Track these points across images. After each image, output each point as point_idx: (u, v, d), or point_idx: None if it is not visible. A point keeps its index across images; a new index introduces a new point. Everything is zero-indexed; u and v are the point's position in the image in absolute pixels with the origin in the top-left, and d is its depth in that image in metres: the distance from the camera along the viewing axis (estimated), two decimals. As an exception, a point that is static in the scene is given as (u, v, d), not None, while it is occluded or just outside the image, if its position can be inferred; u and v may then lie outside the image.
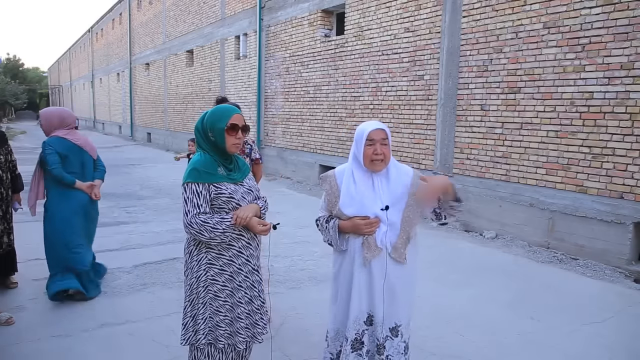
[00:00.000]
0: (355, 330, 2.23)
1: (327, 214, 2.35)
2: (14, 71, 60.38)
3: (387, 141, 2.20)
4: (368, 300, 2.23)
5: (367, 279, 2.21)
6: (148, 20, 21.65)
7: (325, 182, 2.34)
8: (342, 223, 2.25)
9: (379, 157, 2.17)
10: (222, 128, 2.16)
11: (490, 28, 6.31)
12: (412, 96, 7.64)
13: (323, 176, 2.38)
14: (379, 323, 2.22)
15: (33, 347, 3.20)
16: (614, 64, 5.04)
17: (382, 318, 2.21)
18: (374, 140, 2.18)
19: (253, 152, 3.73)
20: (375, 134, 2.19)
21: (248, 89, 12.84)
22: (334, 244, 2.31)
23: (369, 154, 2.18)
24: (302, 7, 10.42)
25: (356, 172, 2.24)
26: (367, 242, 2.20)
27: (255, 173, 3.74)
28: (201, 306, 2.20)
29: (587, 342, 3.43)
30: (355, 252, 2.23)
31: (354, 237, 2.24)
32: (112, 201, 8.29)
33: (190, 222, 2.09)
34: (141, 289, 4.27)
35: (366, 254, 2.19)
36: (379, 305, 2.21)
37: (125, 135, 25.88)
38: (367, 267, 2.21)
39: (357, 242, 2.23)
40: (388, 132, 2.23)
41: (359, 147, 2.21)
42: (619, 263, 4.99)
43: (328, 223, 2.31)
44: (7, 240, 4.02)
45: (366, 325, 2.25)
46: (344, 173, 2.29)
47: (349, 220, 2.22)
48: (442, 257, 5.17)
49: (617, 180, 5.07)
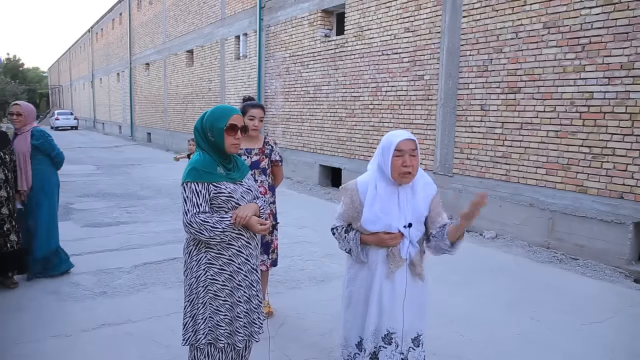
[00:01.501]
0: (375, 344, 2.19)
1: (345, 224, 2.28)
2: (14, 71, 60.41)
3: (416, 152, 2.10)
4: (389, 313, 2.17)
5: (390, 290, 2.16)
6: (148, 20, 21.65)
7: (346, 195, 2.22)
8: (364, 237, 2.18)
9: (408, 169, 2.07)
10: (221, 128, 2.15)
11: (490, 28, 6.31)
12: (412, 96, 7.64)
13: (343, 188, 2.26)
14: (399, 337, 2.17)
15: (33, 347, 3.20)
16: (614, 64, 5.04)
17: (402, 332, 2.17)
18: (403, 151, 2.07)
19: (273, 153, 3.60)
20: (405, 144, 2.08)
21: (248, 89, 12.83)
22: (354, 255, 2.24)
23: (398, 166, 2.07)
24: (302, 7, 10.42)
25: (380, 185, 2.14)
26: (392, 253, 2.15)
27: (275, 175, 3.67)
28: (201, 306, 2.20)
29: (587, 342, 3.42)
30: (378, 263, 2.17)
31: (375, 249, 2.18)
32: (112, 201, 8.29)
33: (189, 221, 2.09)
34: (141, 289, 4.27)
35: (391, 266, 2.15)
36: (399, 318, 2.16)
37: (125, 135, 25.88)
38: (391, 279, 2.16)
39: (381, 254, 2.17)
40: (417, 143, 2.13)
41: (386, 158, 2.10)
42: (619, 263, 4.99)
43: (348, 234, 2.24)
44: (15, 239, 4.07)
45: (383, 342, 2.18)
46: (368, 186, 2.17)
47: (373, 235, 2.15)
48: (442, 257, 5.12)
49: (617, 180, 5.07)
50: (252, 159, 3.50)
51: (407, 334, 2.19)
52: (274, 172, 3.66)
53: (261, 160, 3.52)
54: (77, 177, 11.00)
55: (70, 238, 5.82)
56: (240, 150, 3.43)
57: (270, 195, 3.59)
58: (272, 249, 3.63)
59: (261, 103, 3.65)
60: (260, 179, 3.52)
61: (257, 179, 3.49)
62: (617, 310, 4.03)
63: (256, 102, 3.58)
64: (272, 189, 3.62)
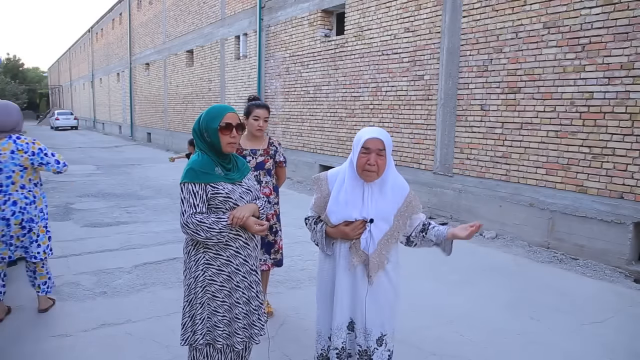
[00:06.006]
0: (342, 339, 2.21)
1: (317, 214, 2.30)
2: (14, 71, 60.40)
3: (383, 152, 2.06)
4: (350, 305, 2.19)
5: (350, 282, 2.18)
6: (148, 20, 21.65)
7: (316, 185, 2.26)
8: (328, 229, 2.20)
9: (372, 168, 2.05)
10: (215, 128, 2.15)
11: (490, 28, 6.31)
12: (412, 96, 7.64)
13: (315, 178, 2.29)
14: (360, 330, 2.19)
15: (33, 347, 3.20)
16: (614, 64, 5.04)
17: (364, 324, 2.18)
18: (370, 149, 2.05)
19: (278, 154, 3.53)
20: (372, 142, 2.05)
21: (248, 89, 12.83)
22: (319, 247, 2.27)
23: (362, 163, 2.06)
24: (302, 7, 10.42)
25: (348, 179, 2.15)
26: (354, 246, 2.15)
27: (278, 176, 3.63)
28: (199, 306, 2.20)
29: (587, 342, 3.42)
30: (341, 256, 2.19)
31: (340, 242, 2.19)
32: (112, 201, 8.30)
33: (186, 221, 2.09)
34: (141, 289, 4.27)
35: (353, 259, 2.16)
36: (360, 310, 2.17)
37: (125, 135, 25.89)
38: (352, 272, 2.17)
39: (344, 247, 2.18)
40: (386, 142, 2.07)
41: (354, 153, 2.10)
42: (619, 263, 4.99)
43: (316, 225, 2.27)
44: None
45: (348, 330, 2.22)
46: (337, 177, 2.20)
47: (335, 227, 2.17)
48: (441, 257, 5.12)
49: (617, 180, 5.07)
50: (257, 159, 3.44)
51: (369, 330, 2.19)
52: (277, 172, 3.61)
53: (266, 161, 3.47)
54: (77, 177, 11.00)
55: (70, 238, 5.83)
56: (245, 151, 3.40)
57: (275, 195, 3.56)
58: (275, 249, 3.59)
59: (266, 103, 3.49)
60: (265, 180, 3.48)
61: (262, 180, 3.45)
62: (617, 310, 4.03)
63: (261, 102, 3.47)
64: (275, 189, 3.59)
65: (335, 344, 2.21)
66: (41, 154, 3.50)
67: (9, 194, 3.42)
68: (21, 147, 3.42)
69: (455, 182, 6.93)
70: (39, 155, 3.49)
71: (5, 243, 3.48)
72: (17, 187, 3.45)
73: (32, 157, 3.46)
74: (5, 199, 3.41)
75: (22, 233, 3.52)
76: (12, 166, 3.40)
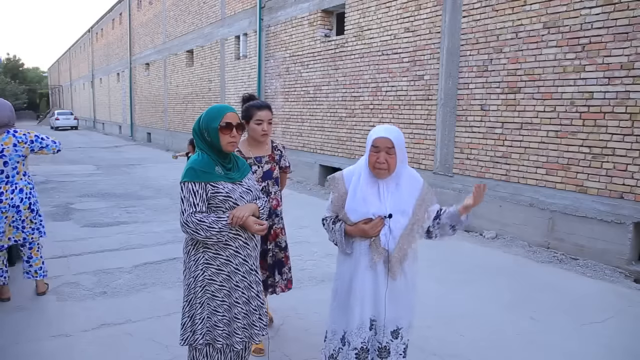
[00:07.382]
0: (362, 339, 2.20)
1: (334, 214, 2.31)
2: (14, 71, 60.44)
3: (393, 150, 2.10)
4: (372, 303, 2.19)
5: (372, 281, 2.18)
6: (148, 20, 21.65)
7: (333, 184, 2.28)
8: (348, 228, 2.21)
9: (382, 165, 2.10)
10: (215, 127, 2.15)
11: (490, 28, 6.31)
12: (412, 96, 7.64)
13: (331, 178, 2.31)
14: (380, 327, 2.20)
15: (33, 347, 3.20)
16: (614, 64, 5.04)
17: (384, 321, 2.19)
18: (379, 147, 2.11)
19: (282, 159, 3.24)
20: (381, 141, 2.10)
21: (248, 89, 12.82)
22: (339, 246, 2.27)
23: (373, 161, 2.12)
24: (302, 7, 10.42)
25: (364, 176, 2.19)
26: (374, 244, 2.16)
27: (280, 180, 3.30)
28: (199, 306, 2.20)
29: (587, 342, 3.42)
30: (361, 254, 2.19)
31: (359, 240, 2.20)
32: (112, 201, 8.29)
33: (186, 220, 2.09)
34: (141, 289, 4.27)
35: (374, 256, 2.16)
36: (381, 307, 2.18)
37: (125, 135, 25.88)
38: (373, 269, 2.17)
39: (364, 245, 2.19)
40: (395, 141, 2.11)
41: (367, 151, 2.16)
42: (619, 263, 4.99)
43: (335, 225, 2.27)
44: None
45: (370, 331, 2.22)
46: (352, 176, 2.23)
47: (354, 225, 2.18)
48: (442, 256, 5.16)
49: (617, 180, 5.07)
50: (264, 168, 3.08)
51: (387, 325, 2.20)
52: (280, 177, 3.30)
53: (273, 168, 3.13)
54: (77, 177, 11.01)
55: (70, 238, 5.84)
56: (250, 160, 3.03)
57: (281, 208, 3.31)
58: (288, 267, 3.32)
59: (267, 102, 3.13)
60: (274, 190, 3.15)
61: (270, 190, 3.12)
62: (617, 310, 4.03)
63: (261, 101, 3.08)
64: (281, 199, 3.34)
65: (355, 344, 2.20)
66: (38, 139, 3.87)
67: (15, 183, 3.78)
68: (20, 139, 3.75)
69: (456, 182, 6.93)
70: (37, 141, 3.85)
71: (17, 228, 3.83)
72: (21, 176, 3.81)
73: (31, 144, 3.80)
74: (13, 188, 3.76)
75: (32, 216, 3.89)
76: (17, 158, 3.74)
